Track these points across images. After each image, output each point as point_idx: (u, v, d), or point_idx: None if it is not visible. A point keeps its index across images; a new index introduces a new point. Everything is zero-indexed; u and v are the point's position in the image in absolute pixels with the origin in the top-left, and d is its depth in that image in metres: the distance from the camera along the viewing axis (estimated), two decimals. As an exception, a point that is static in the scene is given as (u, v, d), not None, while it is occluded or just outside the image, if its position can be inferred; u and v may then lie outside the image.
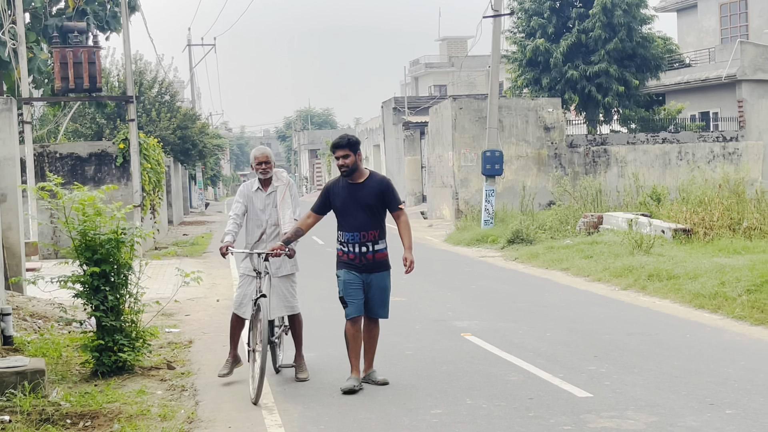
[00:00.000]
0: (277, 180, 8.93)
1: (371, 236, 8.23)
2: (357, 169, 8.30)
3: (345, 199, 8.26)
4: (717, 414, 7.09)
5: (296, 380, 8.67)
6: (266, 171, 8.85)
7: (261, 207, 8.84)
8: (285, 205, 8.85)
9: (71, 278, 8.77)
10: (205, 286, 15.51)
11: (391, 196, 8.35)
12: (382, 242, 8.33)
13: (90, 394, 7.96)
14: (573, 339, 10.40)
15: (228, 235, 8.73)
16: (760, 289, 11.92)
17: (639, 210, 21.86)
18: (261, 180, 8.89)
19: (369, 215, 8.24)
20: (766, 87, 33.65)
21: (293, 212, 8.87)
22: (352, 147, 8.27)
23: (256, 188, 8.91)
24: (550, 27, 33.68)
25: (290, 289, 8.86)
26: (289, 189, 8.94)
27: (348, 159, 8.21)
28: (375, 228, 8.26)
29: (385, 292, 8.36)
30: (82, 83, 20.02)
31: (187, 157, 41.12)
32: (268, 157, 8.88)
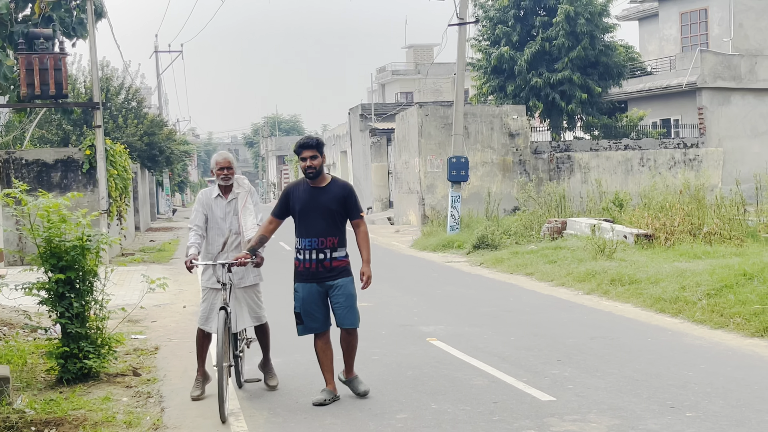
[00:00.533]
0: (238, 187, 8.55)
1: (330, 243, 7.84)
2: (321, 172, 7.95)
3: (306, 203, 7.86)
4: (677, 417, 7.15)
5: (266, 387, 8.50)
6: (228, 177, 8.47)
7: (221, 215, 8.46)
8: (247, 212, 8.46)
9: (36, 285, 8.69)
10: (171, 292, 15.43)
11: (353, 203, 7.98)
12: (342, 250, 7.93)
13: (55, 401, 7.88)
14: (537, 343, 10.44)
15: (191, 247, 8.30)
16: (719, 294, 12.04)
17: (602, 216, 22.01)
18: (221, 187, 8.52)
19: (329, 221, 7.84)
20: (725, 94, 34.07)
21: (255, 217, 8.49)
22: (320, 148, 7.92)
23: (215, 195, 8.52)
24: (515, 35, 33.90)
25: (255, 299, 8.53)
26: (250, 196, 8.57)
27: (315, 160, 7.82)
28: (334, 235, 7.87)
29: (351, 298, 7.91)
30: (48, 90, 19.82)
31: (154, 164, 40.86)
32: (230, 162, 8.51)
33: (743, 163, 32.35)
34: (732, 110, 34.08)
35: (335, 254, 7.87)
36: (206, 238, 8.49)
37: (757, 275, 12.28)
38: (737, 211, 18.75)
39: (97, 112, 21.77)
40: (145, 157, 38.46)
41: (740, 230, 17.72)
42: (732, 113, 34.05)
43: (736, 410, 7.27)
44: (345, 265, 7.95)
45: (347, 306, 7.90)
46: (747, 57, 34.51)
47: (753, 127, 34.31)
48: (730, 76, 34.04)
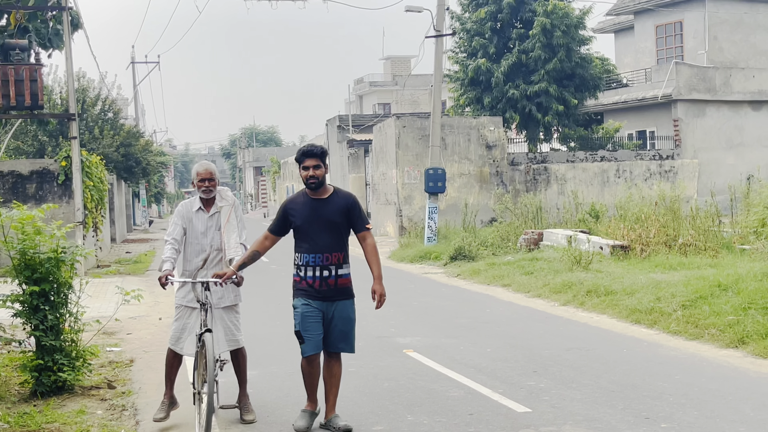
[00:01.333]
0: (221, 200, 7.92)
1: (335, 259, 7.25)
2: (324, 183, 7.36)
3: (307, 216, 7.26)
4: (652, 428, 7.18)
5: (241, 422, 7.75)
6: (209, 189, 7.83)
7: (202, 230, 7.83)
8: (230, 228, 7.84)
9: (10, 297, 8.62)
10: (147, 304, 15.34)
11: (358, 214, 7.35)
12: (347, 266, 7.35)
13: (29, 415, 7.82)
14: (513, 354, 10.47)
15: (166, 262, 7.68)
16: (694, 305, 12.11)
17: (578, 227, 22.13)
18: (203, 200, 7.90)
19: (333, 235, 7.25)
20: (700, 106, 34.34)
21: (239, 236, 7.87)
22: (323, 157, 7.31)
23: (197, 208, 7.90)
24: (492, 47, 34.04)
25: (234, 321, 7.91)
26: (234, 210, 7.92)
27: (318, 170, 7.24)
28: (339, 250, 7.28)
29: (350, 322, 7.36)
30: (23, 101, 19.75)
31: (131, 175, 40.69)
32: (212, 173, 7.88)
33: (718, 175, 32.62)
34: (707, 122, 34.35)
35: (340, 271, 7.30)
36: (183, 253, 7.93)
37: (732, 286, 12.37)
38: (712, 223, 18.89)
39: (73, 123, 21.68)
40: (121, 169, 38.29)
41: (715, 241, 17.86)
42: (707, 125, 34.33)
43: (710, 421, 7.31)
44: (347, 285, 7.42)
45: (344, 331, 7.34)
46: (722, 69, 34.83)
47: (728, 139, 34.60)
48: (705, 88, 34.33)
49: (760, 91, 35.18)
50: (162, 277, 7.53)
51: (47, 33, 22.62)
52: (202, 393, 7.18)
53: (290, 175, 63.70)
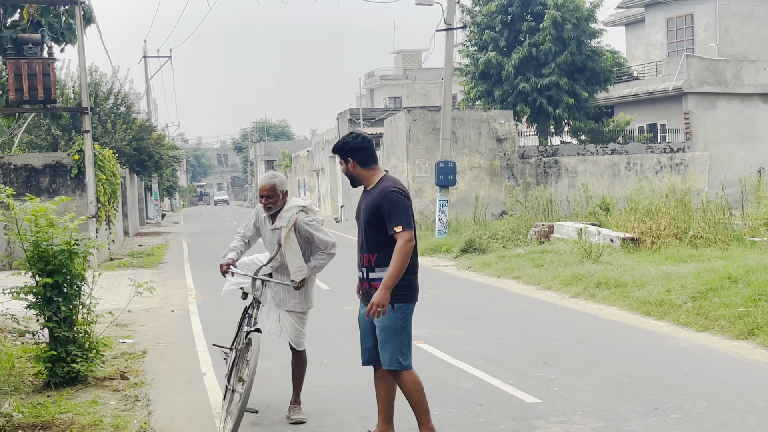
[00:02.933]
0: (280, 219, 7.40)
1: (365, 260, 6.54)
2: (359, 177, 6.66)
3: (357, 210, 6.77)
4: (662, 418, 7.18)
5: (289, 420, 7.46)
6: (269, 206, 7.45)
7: (268, 237, 7.61)
8: (290, 251, 7.29)
9: (24, 289, 8.66)
10: (159, 296, 15.41)
11: (387, 213, 6.38)
12: (380, 270, 6.42)
13: (43, 405, 7.87)
14: (523, 346, 10.47)
15: (231, 251, 7.58)
16: (704, 297, 12.09)
17: (588, 219, 22.09)
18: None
19: (365, 234, 6.54)
20: (711, 99, 34.22)
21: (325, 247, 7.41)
22: (343, 153, 6.64)
23: (264, 216, 7.64)
24: (502, 40, 33.98)
25: (297, 323, 7.57)
26: (293, 231, 7.31)
27: (343, 166, 6.73)
28: (370, 251, 6.50)
29: (384, 331, 6.45)
30: (36, 95, 19.81)
31: (143, 169, 40.80)
32: (271, 189, 7.37)
33: (729, 168, 32.51)
34: (718, 115, 34.23)
35: (372, 275, 6.50)
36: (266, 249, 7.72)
37: (742, 278, 12.34)
38: (723, 215, 18.84)
39: (86, 117, 21.75)
40: (133, 162, 38.41)
41: (726, 234, 17.82)
42: (718, 118, 34.21)
43: (720, 412, 7.31)
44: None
45: (381, 341, 6.51)
46: (732, 62, 34.68)
47: (739, 132, 34.47)
48: (715, 81, 34.20)
49: (771, 84, 35.03)
50: (223, 264, 7.45)
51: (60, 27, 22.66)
52: (236, 391, 6.91)
53: (301, 169, 63.76)
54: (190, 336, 11.92)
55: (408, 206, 6.46)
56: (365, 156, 6.61)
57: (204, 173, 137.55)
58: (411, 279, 6.47)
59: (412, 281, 6.49)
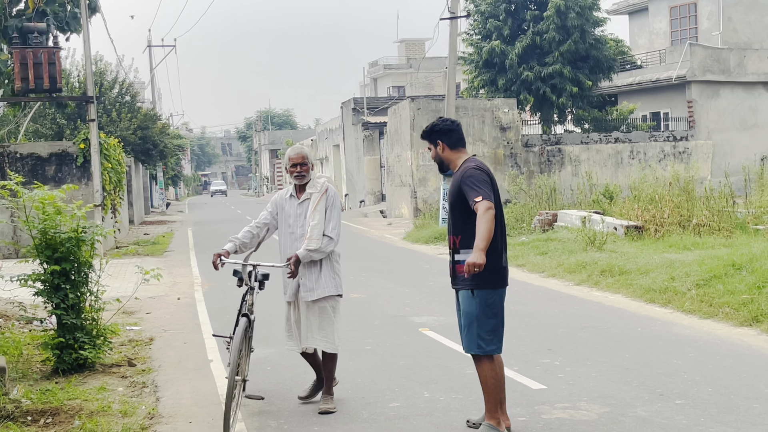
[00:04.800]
0: (312, 186, 7.30)
1: (452, 242, 6.54)
2: (445, 161, 6.66)
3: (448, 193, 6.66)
4: (667, 404, 7.18)
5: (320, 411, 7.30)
6: (302, 175, 7.28)
7: (293, 217, 7.32)
8: (316, 215, 7.14)
9: (31, 276, 8.67)
10: (165, 284, 15.43)
11: (465, 189, 6.33)
12: (465, 252, 6.34)
13: (51, 392, 7.89)
14: (528, 333, 10.48)
15: (230, 242, 7.36)
16: (708, 284, 12.09)
17: (592, 208, 22.06)
18: (296, 186, 7.38)
19: (453, 216, 6.52)
20: (715, 88, 34.14)
21: (326, 226, 7.17)
22: (432, 137, 6.66)
23: (289, 194, 7.42)
24: (506, 29, 33.90)
25: (325, 318, 7.30)
26: (325, 198, 7.22)
27: (432, 152, 6.72)
28: (456, 233, 6.47)
29: (466, 316, 6.44)
30: (42, 84, 19.80)
31: (148, 157, 40.80)
32: (305, 158, 7.25)
33: (732, 156, 32.45)
34: (721, 103, 34.15)
35: (457, 257, 6.48)
36: (280, 241, 7.48)
37: (746, 266, 12.34)
38: (726, 203, 18.82)
39: (91, 105, 21.75)
40: (138, 151, 38.41)
41: (729, 222, 17.80)
42: (721, 106, 34.13)
43: (724, 398, 7.31)
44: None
45: (462, 326, 6.51)
46: (736, 50, 34.58)
47: (742, 120, 34.39)
48: (719, 69, 34.11)
49: (775, 72, 34.93)
50: (215, 255, 7.18)
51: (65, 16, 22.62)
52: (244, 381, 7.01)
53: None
54: (196, 323, 11.94)
55: (487, 181, 6.36)
56: (455, 138, 6.60)
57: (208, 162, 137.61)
58: (492, 261, 6.25)
59: (493, 264, 6.29)
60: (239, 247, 7.30)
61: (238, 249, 7.30)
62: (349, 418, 7.17)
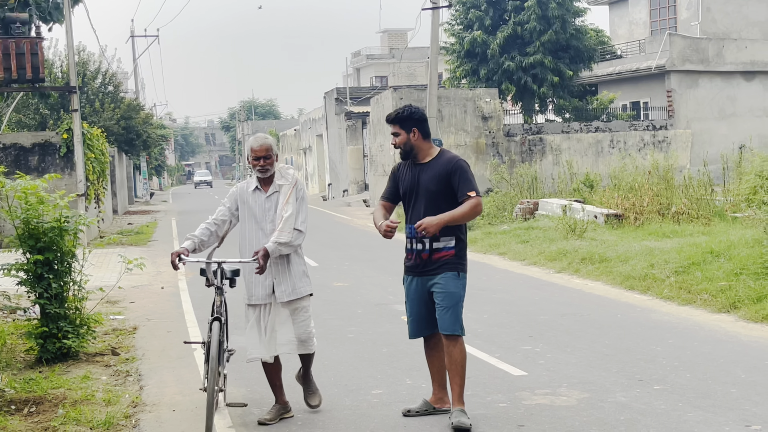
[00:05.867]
0: (280, 178, 6.80)
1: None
2: (414, 149, 6.59)
3: (408, 183, 6.64)
4: (645, 390, 7.22)
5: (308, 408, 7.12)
6: (265, 168, 6.74)
7: (260, 213, 6.76)
8: (288, 208, 6.65)
9: (15, 266, 8.63)
10: (149, 273, 15.39)
11: (460, 180, 6.46)
12: (446, 240, 6.52)
13: (34, 381, 7.86)
14: (509, 320, 10.51)
15: (188, 240, 6.78)
16: (687, 271, 12.16)
17: (573, 196, 22.13)
18: (260, 179, 6.82)
19: (429, 205, 6.49)
20: (693, 77, 34.25)
21: (295, 219, 6.67)
22: (403, 122, 6.59)
23: (253, 188, 6.83)
24: (487, 19, 33.88)
25: (302, 318, 6.84)
26: (295, 190, 6.75)
27: (398, 137, 6.59)
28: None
29: (450, 297, 6.54)
30: (24, 74, 19.69)
31: (132, 148, 40.62)
32: (269, 149, 6.72)
33: (711, 145, 32.58)
34: (700, 93, 34.27)
35: (436, 245, 6.51)
36: (245, 237, 6.84)
37: (724, 253, 12.41)
38: (705, 191, 18.91)
39: (74, 96, 21.63)
40: (122, 141, 38.23)
41: (707, 210, 17.89)
42: (700, 96, 34.25)
43: (702, 383, 7.36)
44: (449, 258, 6.58)
45: (445, 307, 6.54)
46: (714, 40, 34.70)
47: (720, 110, 34.53)
48: (698, 59, 34.21)
49: (753, 62, 35.06)
50: (174, 253, 6.60)
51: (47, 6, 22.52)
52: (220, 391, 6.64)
53: (289, 148, 63.59)
54: (180, 312, 11.91)
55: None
56: (427, 128, 6.67)
57: (192, 152, 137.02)
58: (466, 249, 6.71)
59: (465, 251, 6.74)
60: (198, 245, 6.75)
61: (197, 247, 6.75)
62: (332, 405, 7.17)
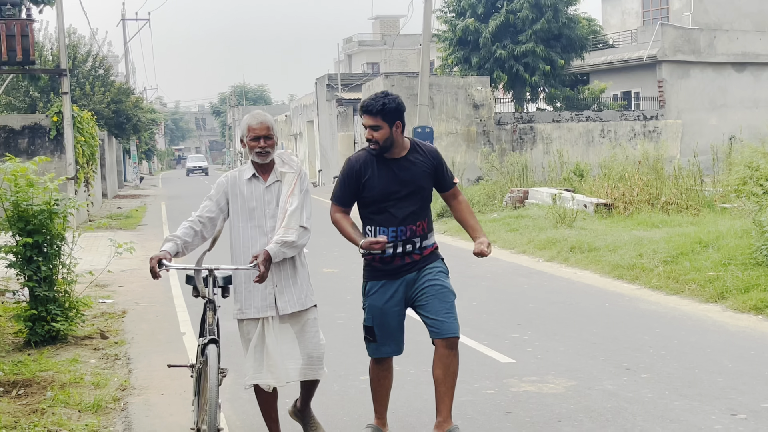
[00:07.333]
0: (282, 165, 5.59)
1: (419, 230, 5.67)
2: (394, 144, 5.63)
3: (387, 181, 5.59)
4: (633, 378, 7.26)
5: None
6: (266, 150, 5.49)
7: (258, 206, 5.51)
8: (293, 200, 5.46)
9: (4, 249, 8.61)
10: (138, 258, 15.34)
11: (445, 170, 5.87)
12: (432, 236, 5.81)
13: (23, 363, 7.86)
14: (498, 308, 10.54)
15: (168, 242, 5.44)
16: (675, 261, 12.20)
17: (563, 185, 22.17)
18: (257, 165, 5.58)
19: (419, 202, 5.69)
20: (685, 68, 34.30)
21: (301, 216, 5.48)
22: (387, 115, 5.57)
23: (250, 176, 5.58)
24: (480, 7, 33.86)
25: (311, 334, 5.70)
26: (300, 181, 5.55)
27: (378, 132, 5.55)
28: (423, 218, 5.72)
29: (450, 293, 5.78)
30: (15, 56, 19.58)
31: (122, 131, 40.50)
32: (269, 129, 5.49)
33: (701, 135, 32.66)
34: (691, 83, 34.34)
35: (425, 243, 5.72)
36: (239, 237, 5.57)
37: (712, 243, 12.46)
38: (694, 182, 18.97)
39: (64, 78, 21.54)
40: (112, 125, 38.11)
41: (697, 200, 17.95)
42: (691, 86, 34.31)
43: (689, 372, 7.40)
44: (435, 249, 5.83)
45: (448, 308, 5.73)
46: (706, 31, 34.74)
47: (711, 100, 34.61)
48: (689, 49, 34.26)
49: (744, 53, 35.14)
50: (153, 258, 5.29)
51: (38, -12, 22.36)
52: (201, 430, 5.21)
53: (279, 134, 63.41)
54: (169, 297, 11.91)
55: None
56: (404, 120, 5.76)
57: (182, 137, 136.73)
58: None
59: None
60: (181, 248, 5.46)
61: (180, 249, 5.46)
62: (320, 391, 7.15)
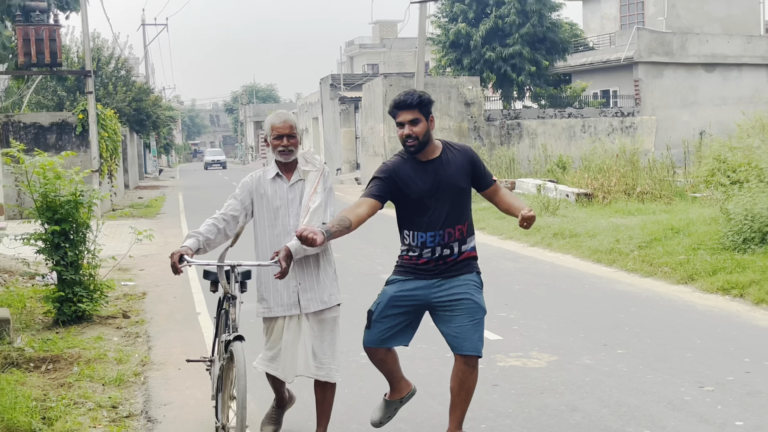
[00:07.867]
0: (305, 164, 5.11)
1: (457, 234, 4.91)
2: (429, 142, 4.85)
3: (428, 184, 4.83)
4: (609, 353, 7.28)
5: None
6: (289, 150, 5.01)
7: (281, 204, 5.04)
8: (316, 198, 5.00)
9: (34, 236, 8.62)
10: (157, 243, 15.35)
11: (483, 167, 5.05)
12: (471, 239, 5.02)
13: (51, 341, 7.87)
14: (486, 289, 10.38)
15: (190, 238, 5.02)
16: (649, 246, 12.21)
17: (547, 177, 22.18)
18: (281, 164, 5.09)
19: (458, 203, 4.89)
20: (659, 68, 34.22)
21: (324, 212, 5.00)
22: (424, 107, 4.79)
23: (273, 175, 5.09)
24: (471, 12, 33.76)
25: (328, 335, 5.09)
26: (323, 179, 5.08)
27: (417, 126, 4.75)
28: (462, 221, 4.92)
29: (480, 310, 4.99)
30: (43, 58, 19.56)
31: (142, 127, 40.43)
32: (293, 127, 5.02)
33: (674, 131, 32.61)
34: (665, 83, 34.26)
35: (464, 247, 4.95)
36: (265, 236, 5.11)
37: (683, 229, 12.48)
38: (667, 173, 18.99)
39: (89, 79, 21.50)
40: (133, 122, 38.04)
41: (669, 190, 17.97)
42: (665, 85, 34.23)
43: (661, 348, 7.41)
44: (471, 257, 5.05)
45: (476, 322, 4.93)
46: (679, 34, 34.65)
47: (683, 98, 34.53)
48: (663, 51, 34.17)
49: (713, 55, 35.04)
50: (175, 254, 4.82)
51: (65, -4, 22.29)
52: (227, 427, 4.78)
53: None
54: (185, 279, 11.90)
55: None
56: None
57: (198, 132, 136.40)
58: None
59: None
60: (203, 244, 5.04)
61: (202, 246, 5.04)
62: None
